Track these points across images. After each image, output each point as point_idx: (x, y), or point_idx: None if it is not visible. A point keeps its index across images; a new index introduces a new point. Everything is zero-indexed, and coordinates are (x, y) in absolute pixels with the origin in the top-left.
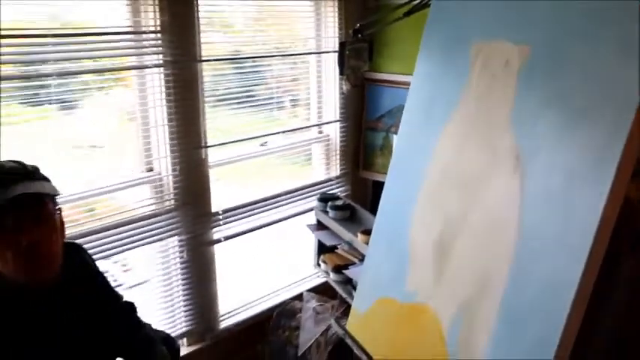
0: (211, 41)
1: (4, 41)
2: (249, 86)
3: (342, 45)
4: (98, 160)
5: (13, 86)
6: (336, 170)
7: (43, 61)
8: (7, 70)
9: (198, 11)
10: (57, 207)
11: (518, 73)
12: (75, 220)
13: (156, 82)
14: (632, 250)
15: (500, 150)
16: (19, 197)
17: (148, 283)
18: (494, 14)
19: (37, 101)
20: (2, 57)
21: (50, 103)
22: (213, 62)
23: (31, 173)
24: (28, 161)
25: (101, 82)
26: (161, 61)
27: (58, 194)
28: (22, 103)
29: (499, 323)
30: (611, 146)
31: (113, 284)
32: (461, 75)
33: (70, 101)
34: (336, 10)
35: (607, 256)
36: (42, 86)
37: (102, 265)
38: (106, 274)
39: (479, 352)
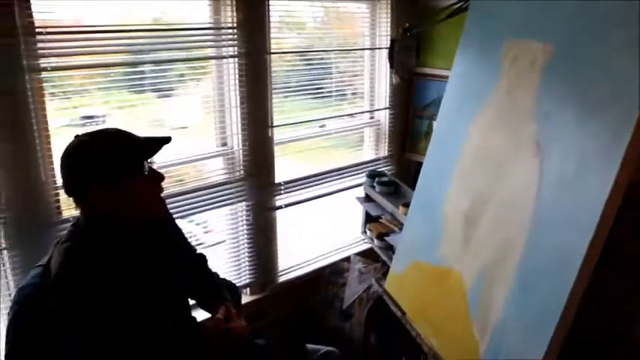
0: (279, 37)
1: (113, 35)
2: (313, 78)
3: (392, 42)
4: (186, 138)
5: (121, 71)
6: (384, 151)
7: (142, 51)
8: (115, 59)
9: (269, 11)
10: None
11: (542, 70)
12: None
13: (231, 70)
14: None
15: (524, 137)
16: (160, 142)
17: (219, 240)
18: (524, 16)
19: (140, 89)
20: (111, 47)
21: (141, 89)
22: (280, 55)
23: None
24: None
25: (190, 69)
26: (236, 53)
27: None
28: (129, 91)
29: (515, 286)
30: (619, 137)
31: (191, 240)
32: (493, 70)
33: (165, 89)
34: (389, 11)
35: (610, 237)
36: (144, 77)
37: (183, 224)
38: (185, 232)
39: (495, 312)
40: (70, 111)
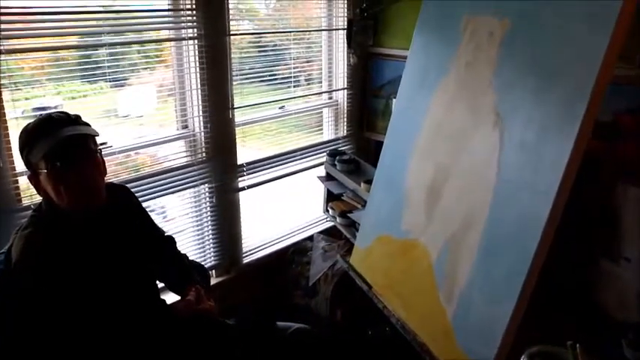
0: (238, 19)
1: (69, 16)
2: (271, 64)
3: (349, 22)
4: (142, 126)
5: (74, 62)
6: (343, 131)
7: (98, 34)
8: (69, 41)
9: None
10: (98, 147)
11: (500, 43)
12: (127, 169)
13: (191, 52)
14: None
15: (483, 108)
16: (66, 138)
17: (183, 224)
18: None
19: (94, 79)
20: (65, 30)
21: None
22: (240, 41)
23: (75, 119)
24: None
25: (143, 57)
26: (196, 35)
27: (98, 135)
28: (82, 81)
29: (480, 254)
30: (575, 106)
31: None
32: (452, 45)
33: (120, 79)
34: None
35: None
36: (98, 67)
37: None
38: (151, 214)
39: (461, 279)
40: (24, 102)
